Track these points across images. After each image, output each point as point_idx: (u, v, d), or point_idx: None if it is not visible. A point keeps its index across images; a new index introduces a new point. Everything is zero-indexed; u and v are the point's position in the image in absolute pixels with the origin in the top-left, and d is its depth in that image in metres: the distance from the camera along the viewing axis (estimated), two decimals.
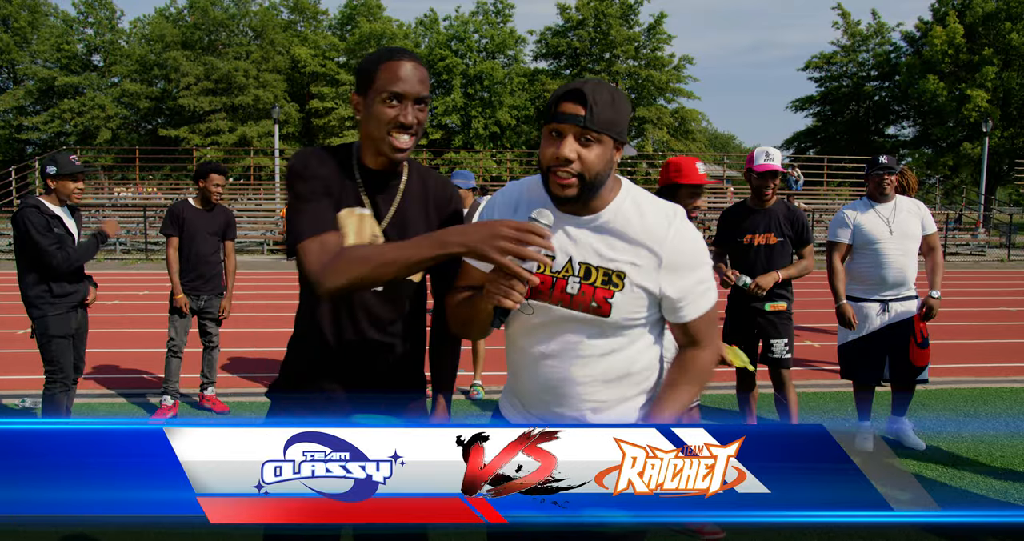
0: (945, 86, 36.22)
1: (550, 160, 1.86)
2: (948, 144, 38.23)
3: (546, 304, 1.96)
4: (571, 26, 41.07)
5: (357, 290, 2.03)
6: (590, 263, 1.93)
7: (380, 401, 2.17)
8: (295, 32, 42.15)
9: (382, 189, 2.19)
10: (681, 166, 4.25)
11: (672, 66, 41.31)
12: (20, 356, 7.93)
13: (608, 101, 1.86)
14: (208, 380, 6.19)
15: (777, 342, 5.02)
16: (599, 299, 1.91)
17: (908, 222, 5.22)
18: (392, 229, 2.16)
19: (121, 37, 41.37)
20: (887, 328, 5.22)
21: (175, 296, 5.88)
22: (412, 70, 2.10)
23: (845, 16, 41.91)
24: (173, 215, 5.94)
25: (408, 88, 2.08)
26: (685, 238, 1.94)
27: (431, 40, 41.86)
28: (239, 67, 37.85)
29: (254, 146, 36.71)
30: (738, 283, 4.90)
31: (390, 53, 2.13)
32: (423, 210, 2.23)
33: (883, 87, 42.69)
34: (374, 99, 2.09)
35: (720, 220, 5.22)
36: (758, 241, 4.99)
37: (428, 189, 2.27)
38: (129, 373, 7.41)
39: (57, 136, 39.15)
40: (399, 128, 2.08)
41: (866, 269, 5.24)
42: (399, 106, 2.07)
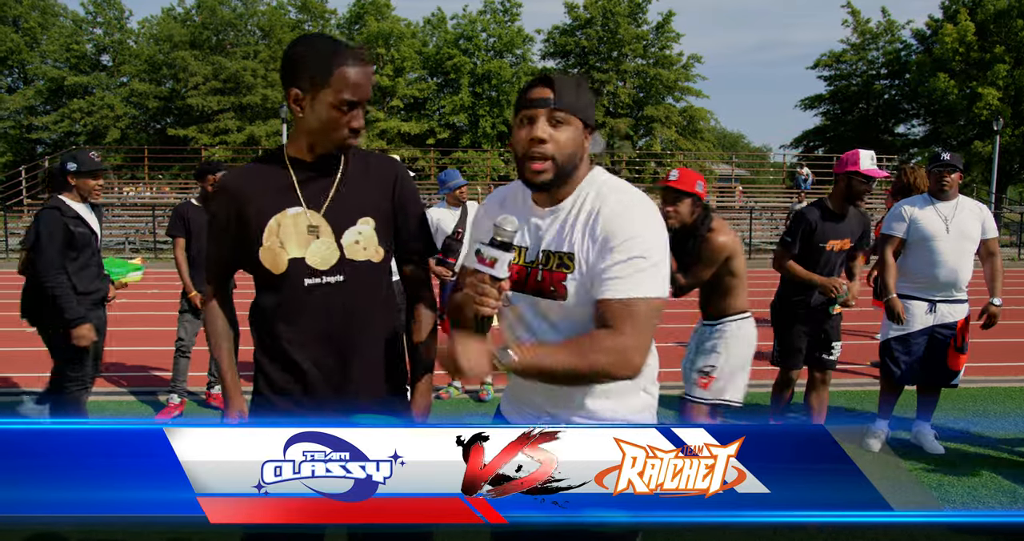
0: (956, 84, 35.97)
1: (524, 144, 1.92)
2: (959, 143, 37.96)
3: (520, 293, 2.02)
4: (579, 25, 40.97)
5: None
6: (550, 250, 1.98)
7: (358, 408, 2.15)
8: (303, 31, 42.15)
9: (317, 179, 2.17)
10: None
11: (680, 65, 41.13)
12: (26, 354, 7.96)
13: (573, 86, 1.93)
14: (215, 379, 6.22)
15: (837, 344, 5.03)
16: (555, 282, 1.95)
17: (967, 222, 5.08)
18: (331, 214, 2.15)
19: (130, 37, 41.48)
20: (931, 329, 5.13)
21: (188, 294, 5.91)
22: (366, 74, 2.07)
23: (855, 14, 41.66)
24: (178, 216, 6.00)
25: (363, 95, 2.06)
26: (635, 220, 1.91)
27: (439, 39, 41.82)
28: (247, 66, 37.90)
29: (262, 145, 36.74)
30: (842, 293, 4.73)
31: (343, 55, 2.05)
32: (365, 190, 2.21)
33: (893, 85, 42.41)
34: (324, 102, 2.05)
35: (801, 221, 4.93)
36: (838, 247, 4.88)
37: (369, 169, 2.25)
38: (137, 371, 7.45)
39: (67, 136, 39.30)
40: (351, 132, 2.09)
41: (918, 266, 5.11)
42: (353, 113, 2.07)
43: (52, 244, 4.78)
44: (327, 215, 2.15)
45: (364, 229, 2.18)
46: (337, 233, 2.16)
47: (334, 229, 2.16)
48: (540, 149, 1.90)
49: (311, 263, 2.13)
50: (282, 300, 2.16)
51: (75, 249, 4.92)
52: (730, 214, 27.29)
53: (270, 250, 2.13)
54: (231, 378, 2.33)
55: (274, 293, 2.18)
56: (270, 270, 2.14)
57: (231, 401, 2.33)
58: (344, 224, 2.17)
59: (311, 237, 2.13)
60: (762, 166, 49.64)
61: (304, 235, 2.13)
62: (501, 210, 2.08)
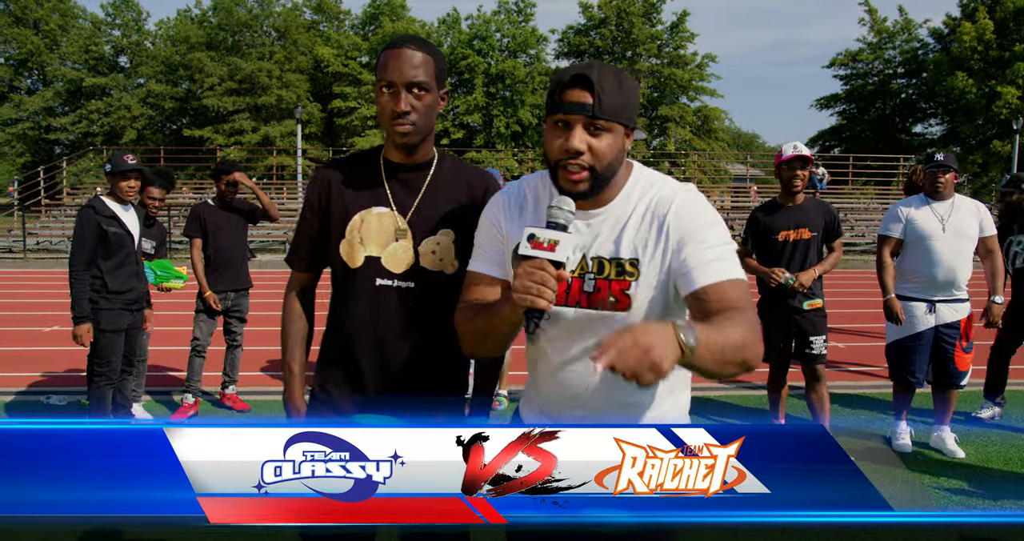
0: (974, 83, 35.69)
1: (558, 153, 1.74)
2: (977, 142, 37.67)
3: (562, 307, 1.84)
4: (593, 24, 40.96)
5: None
6: (602, 257, 1.82)
7: (415, 406, 2.14)
8: (318, 32, 42.39)
9: (407, 182, 2.20)
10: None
11: (695, 64, 41.04)
12: (45, 353, 8.05)
13: (615, 85, 1.73)
14: (230, 379, 6.28)
15: (816, 339, 5.04)
16: (616, 292, 1.80)
17: (964, 221, 5.10)
18: (414, 220, 2.17)
19: (147, 38, 41.88)
20: (934, 330, 5.13)
21: (204, 294, 5.97)
22: (406, 56, 2.07)
23: (872, 13, 41.40)
24: (195, 216, 6.07)
25: (397, 75, 2.05)
26: (691, 204, 1.80)
27: (453, 39, 41.91)
28: (262, 67, 38.14)
29: (277, 146, 36.98)
30: (781, 281, 4.89)
31: (391, 42, 2.13)
32: (451, 201, 2.20)
33: (910, 84, 42.14)
34: (376, 90, 2.11)
35: (749, 219, 5.20)
36: (792, 237, 4.96)
37: (459, 181, 2.24)
38: (152, 371, 7.51)
39: (84, 136, 39.72)
40: (395, 116, 2.07)
41: (916, 266, 5.14)
42: (393, 95, 2.07)
43: (81, 241, 4.96)
44: (410, 220, 2.17)
45: (443, 240, 2.18)
46: (416, 239, 2.17)
47: (414, 235, 2.17)
48: (577, 161, 1.73)
49: (385, 264, 2.16)
50: (352, 296, 2.19)
51: (108, 248, 5.07)
52: (745, 214, 27.19)
53: (350, 243, 2.18)
54: (297, 385, 2.34)
55: (346, 289, 2.21)
56: (346, 262, 2.18)
57: (292, 404, 2.35)
58: (424, 232, 2.18)
59: (391, 239, 2.16)
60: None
61: (385, 235, 2.16)
62: (520, 216, 1.91)
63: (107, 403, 5.14)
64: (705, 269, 1.73)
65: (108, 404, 5.15)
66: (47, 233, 23.37)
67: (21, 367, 7.56)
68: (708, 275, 1.72)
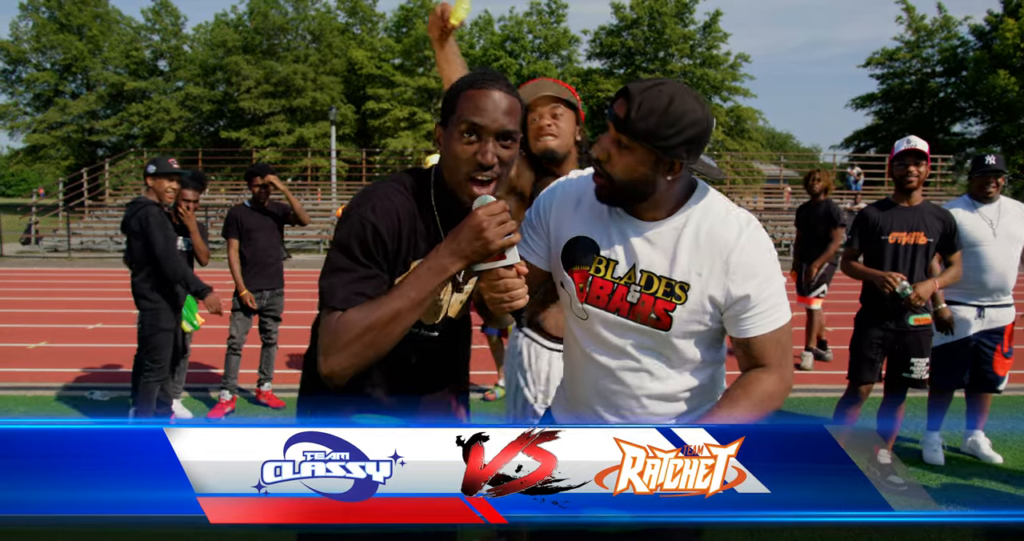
0: (1017, 81, 34.89)
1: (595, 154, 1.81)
2: (1018, 141, 36.82)
3: (602, 311, 1.88)
4: (625, 25, 40.73)
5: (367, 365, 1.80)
6: (653, 272, 1.83)
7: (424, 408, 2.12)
8: (352, 35, 42.72)
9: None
10: None
11: (728, 64, 40.63)
12: (88, 350, 8.23)
13: (658, 109, 1.67)
14: (265, 376, 6.44)
15: (919, 361, 4.58)
16: (659, 311, 1.82)
17: (1013, 225, 4.96)
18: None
19: (185, 43, 42.55)
20: (978, 334, 5.02)
21: (240, 293, 6.11)
22: (497, 99, 1.79)
23: (909, 11, 40.64)
24: (231, 218, 6.23)
25: (487, 121, 1.77)
26: (756, 245, 1.81)
27: (485, 41, 42.01)
28: (297, 70, 38.54)
29: (311, 147, 37.31)
30: (897, 289, 4.35)
31: (475, 78, 1.84)
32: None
33: (949, 83, 41.25)
34: (452, 132, 1.82)
35: (859, 217, 4.71)
36: (905, 240, 4.52)
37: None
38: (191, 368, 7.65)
39: (125, 139, 40.52)
40: (477, 169, 1.79)
41: (967, 272, 4.88)
42: (478, 143, 1.78)
43: (158, 232, 5.12)
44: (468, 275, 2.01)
45: (470, 288, 2.09)
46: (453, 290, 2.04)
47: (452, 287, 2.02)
48: (600, 167, 1.79)
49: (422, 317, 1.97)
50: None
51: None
52: (779, 215, 26.86)
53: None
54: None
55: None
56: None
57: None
58: (460, 285, 2.04)
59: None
60: (811, 167, 48.74)
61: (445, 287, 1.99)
62: (577, 209, 1.94)
63: (154, 399, 5.27)
64: (754, 321, 1.83)
65: (154, 400, 5.27)
66: (90, 233, 23.88)
67: (66, 363, 7.76)
68: (756, 327, 1.83)
